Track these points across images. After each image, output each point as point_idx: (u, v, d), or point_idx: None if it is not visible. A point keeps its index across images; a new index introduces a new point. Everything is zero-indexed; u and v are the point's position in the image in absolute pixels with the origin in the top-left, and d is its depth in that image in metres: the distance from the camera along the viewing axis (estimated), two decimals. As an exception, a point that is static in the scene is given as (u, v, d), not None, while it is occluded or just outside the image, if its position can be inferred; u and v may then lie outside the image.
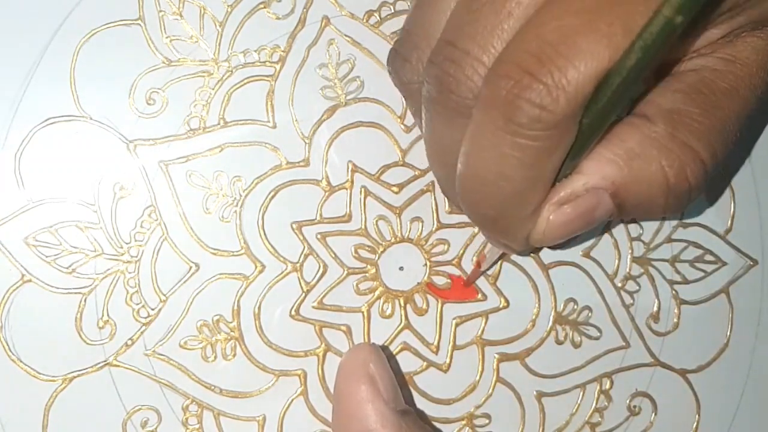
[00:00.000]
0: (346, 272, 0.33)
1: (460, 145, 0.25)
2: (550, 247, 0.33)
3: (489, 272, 0.33)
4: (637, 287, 0.34)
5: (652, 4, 0.21)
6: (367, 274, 0.33)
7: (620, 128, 0.26)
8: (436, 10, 0.26)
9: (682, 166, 0.25)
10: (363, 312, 0.33)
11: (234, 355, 0.32)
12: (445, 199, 0.33)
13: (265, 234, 0.32)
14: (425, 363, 0.33)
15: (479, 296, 0.33)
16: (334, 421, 0.30)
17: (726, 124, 0.26)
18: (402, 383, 0.32)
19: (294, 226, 0.33)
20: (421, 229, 0.33)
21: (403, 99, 0.30)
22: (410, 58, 0.27)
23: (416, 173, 0.33)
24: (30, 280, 0.31)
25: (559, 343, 0.34)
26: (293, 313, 0.32)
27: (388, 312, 0.33)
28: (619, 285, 0.34)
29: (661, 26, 0.21)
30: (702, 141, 0.25)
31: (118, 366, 0.32)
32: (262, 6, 0.33)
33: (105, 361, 0.32)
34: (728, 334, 0.35)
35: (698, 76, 0.26)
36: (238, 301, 0.32)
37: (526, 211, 0.26)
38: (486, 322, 0.33)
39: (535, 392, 0.34)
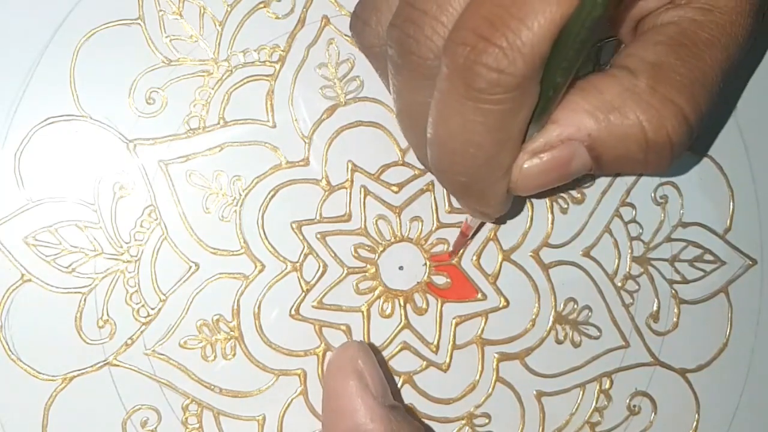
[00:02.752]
0: (345, 272, 0.33)
1: (425, 108, 0.25)
2: (533, 196, 0.32)
3: (489, 271, 0.33)
4: (637, 287, 0.34)
5: None
6: (366, 274, 0.33)
7: (600, 79, 0.25)
8: None
9: (661, 121, 0.25)
10: (363, 311, 0.33)
11: (234, 355, 0.32)
12: (445, 198, 0.33)
13: (264, 233, 0.32)
14: (425, 362, 0.33)
15: (479, 296, 0.33)
16: (325, 416, 0.30)
17: (708, 75, 0.26)
18: (389, 379, 0.32)
19: (294, 225, 0.33)
20: (421, 229, 0.33)
21: (370, 63, 0.29)
22: (370, 21, 0.27)
23: (416, 173, 0.33)
24: (30, 280, 0.31)
25: (558, 342, 0.34)
26: (293, 312, 0.32)
27: (388, 311, 0.33)
28: (619, 284, 0.34)
29: None
30: (684, 95, 0.25)
31: (118, 365, 0.32)
32: (261, 5, 0.33)
33: (105, 360, 0.32)
34: (727, 333, 0.35)
35: (678, 27, 0.26)
36: (238, 301, 0.32)
37: (497, 174, 0.26)
38: (486, 322, 0.33)
39: (534, 392, 0.34)
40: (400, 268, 0.33)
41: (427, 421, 0.33)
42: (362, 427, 0.28)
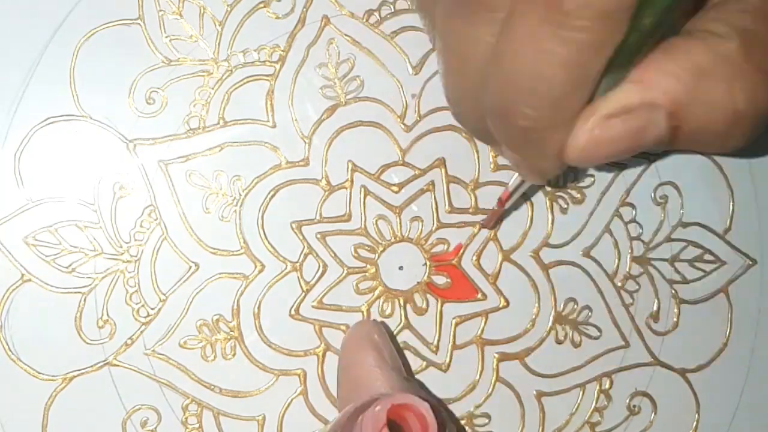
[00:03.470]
0: (345, 272, 0.33)
1: (481, 46, 0.22)
2: (579, 168, 0.30)
3: (489, 271, 0.33)
4: (637, 287, 0.34)
5: None
6: (366, 274, 0.33)
7: (686, 42, 0.22)
8: None
9: (755, 91, 0.22)
10: (363, 311, 0.33)
11: (234, 355, 0.32)
12: (445, 198, 0.33)
13: (264, 233, 0.32)
14: (425, 362, 0.33)
15: (479, 296, 0.33)
16: (342, 389, 0.30)
17: None
18: (402, 357, 0.32)
19: (294, 225, 0.33)
20: (421, 229, 0.33)
21: (416, 11, 0.26)
22: None
23: (416, 173, 0.33)
24: (30, 280, 0.31)
25: (558, 342, 0.34)
26: (293, 312, 0.32)
27: (388, 311, 0.33)
28: (619, 284, 0.34)
29: None
30: None
31: (118, 365, 0.32)
32: (261, 5, 0.33)
33: (105, 360, 0.32)
34: (727, 333, 0.35)
35: None
36: (238, 301, 0.32)
37: (564, 119, 0.22)
38: (486, 322, 0.33)
39: (534, 392, 0.34)
40: (400, 268, 0.33)
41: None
42: (381, 395, 0.27)
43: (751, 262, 0.35)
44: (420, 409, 0.24)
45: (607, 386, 0.34)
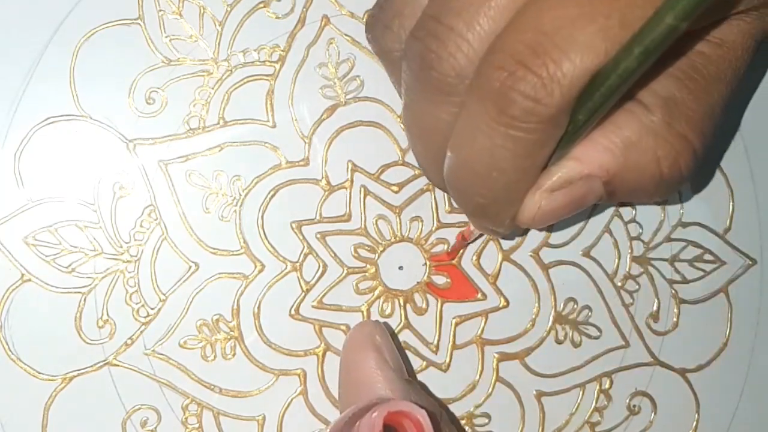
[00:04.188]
0: (345, 272, 0.33)
1: (441, 124, 0.25)
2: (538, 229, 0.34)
3: (489, 271, 0.33)
4: (637, 287, 0.34)
5: None
6: (366, 274, 0.33)
7: (617, 115, 0.25)
8: None
9: (676, 157, 0.25)
10: (363, 311, 0.33)
11: (234, 355, 0.32)
12: (445, 198, 0.33)
13: (264, 233, 0.32)
14: (425, 362, 0.33)
15: (479, 296, 0.33)
16: (342, 390, 0.30)
17: (714, 109, 0.26)
18: (403, 357, 0.32)
19: (293, 225, 0.33)
20: (421, 229, 0.33)
21: (385, 69, 0.29)
22: (392, 25, 0.26)
23: (416, 172, 0.33)
24: (29, 280, 0.31)
25: (558, 342, 0.34)
26: (293, 312, 0.32)
27: (388, 311, 0.33)
28: (619, 284, 0.34)
29: (664, 33, 0.21)
30: (695, 130, 0.25)
31: (118, 365, 0.32)
32: (261, 5, 0.33)
33: (104, 360, 0.32)
34: (727, 333, 0.35)
35: (688, 60, 0.26)
36: (238, 301, 0.32)
37: (515, 199, 0.26)
38: (486, 322, 0.33)
39: (534, 392, 0.34)
40: (400, 268, 0.33)
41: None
42: (382, 398, 0.28)
43: (751, 262, 0.35)
44: (417, 416, 0.24)
45: (607, 386, 0.34)
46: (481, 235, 0.33)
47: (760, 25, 0.26)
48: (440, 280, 0.33)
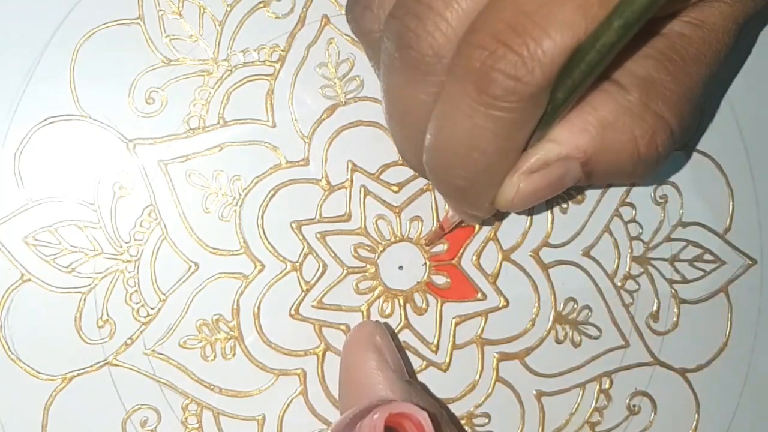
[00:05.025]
0: (345, 271, 0.33)
1: (420, 104, 0.25)
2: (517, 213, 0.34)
3: (489, 271, 0.33)
4: (637, 286, 0.34)
5: None
6: (366, 274, 0.33)
7: (593, 95, 0.25)
8: None
9: (653, 136, 0.25)
10: (362, 311, 0.33)
11: (233, 355, 0.32)
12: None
13: (264, 233, 0.32)
14: (425, 362, 0.33)
15: (479, 296, 0.33)
16: (343, 390, 0.30)
17: (693, 90, 0.26)
18: (404, 357, 0.32)
19: (293, 225, 0.33)
20: (421, 229, 0.33)
21: (364, 50, 0.29)
22: (371, 5, 0.26)
23: (416, 173, 0.33)
24: (29, 280, 0.31)
25: (558, 342, 0.34)
26: (293, 312, 0.32)
27: (388, 311, 0.33)
28: (619, 284, 0.34)
29: (644, 5, 0.21)
30: (673, 110, 0.25)
31: (118, 365, 0.32)
32: (261, 5, 0.33)
33: (104, 360, 0.32)
34: (727, 333, 0.35)
35: (667, 41, 0.26)
36: (238, 301, 0.32)
37: (495, 180, 0.26)
38: (486, 322, 0.33)
39: (534, 391, 0.34)
40: (400, 267, 0.33)
41: (426, 421, 0.33)
42: (382, 400, 0.28)
43: (751, 262, 0.35)
44: (418, 418, 0.24)
45: (607, 386, 0.34)
46: (459, 224, 0.33)
47: (741, 8, 0.26)
48: (440, 280, 0.33)
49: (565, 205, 0.34)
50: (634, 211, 0.34)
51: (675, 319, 0.35)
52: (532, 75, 0.22)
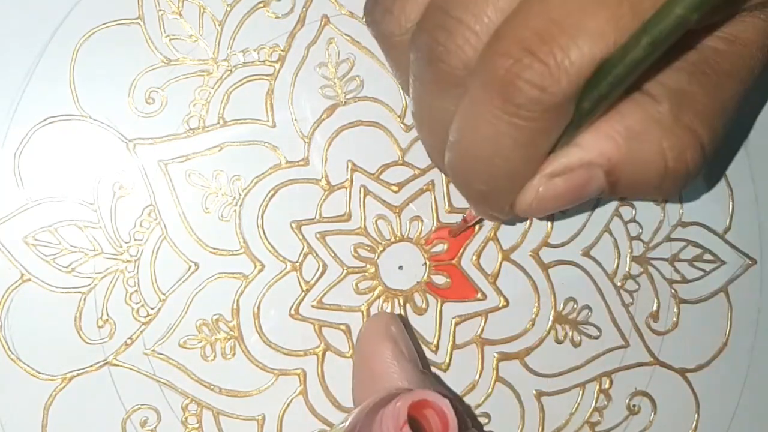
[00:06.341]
0: (345, 271, 0.33)
1: (448, 114, 0.25)
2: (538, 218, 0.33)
3: (489, 271, 0.33)
4: (637, 286, 0.34)
5: None
6: (366, 274, 0.33)
7: (622, 104, 0.25)
8: None
9: (682, 150, 0.24)
10: (362, 311, 0.33)
11: (233, 355, 0.32)
12: (445, 198, 0.33)
13: (264, 233, 0.32)
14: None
15: (479, 295, 0.33)
16: (357, 381, 0.30)
17: (726, 106, 0.25)
18: (417, 348, 0.32)
19: (293, 225, 0.33)
20: (421, 228, 0.33)
21: (383, 52, 0.28)
22: (392, 9, 0.26)
23: (416, 172, 0.33)
24: (29, 280, 0.31)
25: (558, 342, 0.34)
26: (293, 312, 0.32)
27: (388, 311, 0.33)
28: (619, 284, 0.34)
29: (673, 24, 0.20)
30: (704, 124, 0.25)
31: (118, 365, 0.32)
32: (261, 5, 0.33)
33: (104, 360, 0.32)
34: (727, 333, 0.35)
35: (701, 55, 0.25)
36: (238, 301, 0.32)
37: (517, 186, 0.25)
38: (485, 322, 0.33)
39: (534, 391, 0.34)
40: (400, 267, 0.33)
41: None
42: (400, 389, 0.28)
43: (750, 262, 0.35)
44: (440, 406, 0.24)
45: (607, 386, 0.34)
46: (482, 219, 0.33)
47: None
48: (440, 279, 0.33)
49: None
50: (633, 211, 0.34)
51: (675, 319, 0.35)
52: (558, 85, 0.21)
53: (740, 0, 0.24)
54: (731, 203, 0.35)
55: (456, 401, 0.28)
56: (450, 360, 0.33)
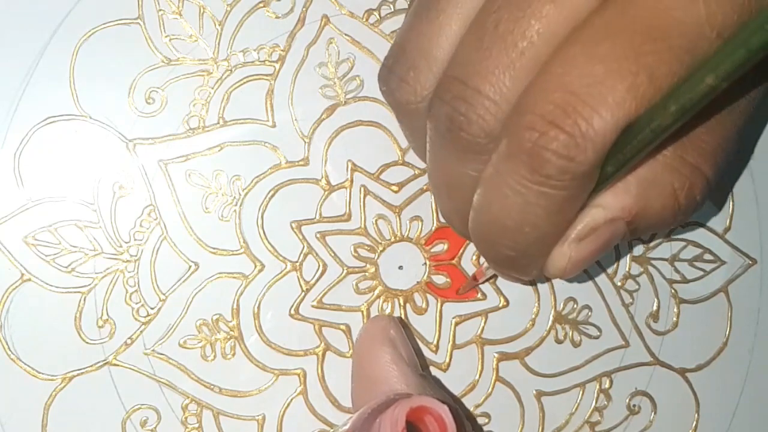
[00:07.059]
0: (345, 271, 0.33)
1: (468, 180, 0.25)
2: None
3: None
4: (637, 286, 0.34)
5: (677, 52, 0.21)
6: (366, 273, 0.33)
7: None
8: (435, 28, 0.25)
9: (691, 187, 0.25)
10: (362, 311, 0.33)
11: (233, 355, 0.32)
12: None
13: (264, 233, 0.32)
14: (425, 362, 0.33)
15: (479, 295, 0.33)
16: (356, 384, 0.30)
17: (728, 139, 0.26)
18: (417, 351, 0.32)
19: (293, 225, 0.33)
20: (421, 228, 0.33)
21: (397, 120, 0.29)
22: (407, 78, 0.26)
23: (416, 172, 0.33)
24: (29, 279, 0.31)
25: (558, 342, 0.34)
26: (293, 312, 0.32)
27: (388, 311, 0.33)
28: (619, 284, 0.34)
29: (703, 92, 0.21)
30: (708, 161, 0.25)
31: (118, 365, 0.32)
32: (261, 5, 0.33)
33: (104, 360, 0.32)
34: (727, 333, 0.35)
35: None
36: (238, 300, 0.32)
37: (546, 251, 0.26)
38: (485, 321, 0.33)
39: (534, 391, 0.34)
40: (400, 267, 0.33)
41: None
42: (399, 394, 0.28)
43: (750, 262, 0.35)
44: (439, 412, 0.24)
45: (607, 386, 0.34)
46: (493, 276, 0.33)
47: None
48: (440, 279, 0.33)
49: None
50: (634, 211, 0.34)
51: (675, 318, 0.35)
52: (584, 154, 0.22)
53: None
54: (731, 203, 0.35)
55: (455, 405, 0.28)
56: (450, 360, 0.33)
